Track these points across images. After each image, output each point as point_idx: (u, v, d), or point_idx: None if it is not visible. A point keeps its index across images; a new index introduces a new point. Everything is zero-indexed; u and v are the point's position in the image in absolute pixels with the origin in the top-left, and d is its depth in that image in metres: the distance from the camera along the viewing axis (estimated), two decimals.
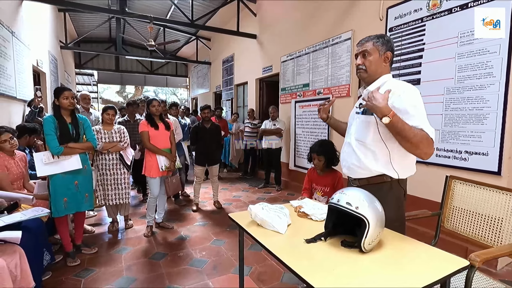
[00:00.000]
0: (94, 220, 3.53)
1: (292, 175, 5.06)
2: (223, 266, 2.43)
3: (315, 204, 1.56)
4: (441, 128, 2.68)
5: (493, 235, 1.51)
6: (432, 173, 2.69)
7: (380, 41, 1.36)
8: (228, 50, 7.66)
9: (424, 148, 1.20)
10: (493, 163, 2.33)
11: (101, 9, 5.27)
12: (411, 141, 1.19)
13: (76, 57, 10.46)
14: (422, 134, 1.19)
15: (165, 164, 3.01)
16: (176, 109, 4.47)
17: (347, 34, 3.78)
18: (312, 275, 0.93)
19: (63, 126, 2.34)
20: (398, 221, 1.35)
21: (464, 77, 2.50)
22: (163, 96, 21.89)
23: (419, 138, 1.18)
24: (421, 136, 1.19)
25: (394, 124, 1.18)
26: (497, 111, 2.30)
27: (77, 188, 2.43)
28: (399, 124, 1.19)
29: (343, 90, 3.90)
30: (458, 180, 1.71)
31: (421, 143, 1.19)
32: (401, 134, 1.20)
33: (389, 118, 1.17)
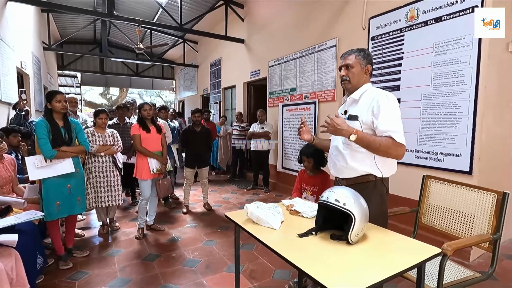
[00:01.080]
0: (83, 223, 3.51)
1: (280, 176, 5.19)
2: (216, 265, 2.51)
3: (305, 202, 1.68)
4: (419, 131, 2.88)
5: (465, 229, 1.68)
6: (411, 173, 2.88)
7: (361, 55, 1.52)
8: (216, 53, 7.74)
9: (393, 152, 1.38)
10: (465, 163, 2.54)
11: (89, 11, 5.24)
12: (379, 149, 1.40)
13: (59, 59, 10.22)
14: (387, 142, 1.36)
15: (157, 166, 3.06)
16: (165, 112, 4.52)
17: (332, 41, 3.96)
18: (307, 264, 1.04)
19: (55, 129, 2.35)
20: (382, 216, 1.49)
21: (439, 84, 2.71)
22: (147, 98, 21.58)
23: (385, 146, 1.37)
24: (387, 144, 1.36)
25: (360, 139, 1.39)
26: (468, 116, 2.52)
27: (70, 191, 2.44)
28: (365, 138, 1.39)
29: (328, 95, 4.07)
30: (433, 179, 1.88)
31: (389, 149, 1.37)
32: (369, 146, 1.41)
33: (355, 135, 1.38)
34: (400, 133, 1.38)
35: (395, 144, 1.36)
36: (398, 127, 1.38)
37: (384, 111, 1.40)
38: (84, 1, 6.66)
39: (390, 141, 1.37)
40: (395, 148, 1.37)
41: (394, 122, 1.39)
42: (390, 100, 1.43)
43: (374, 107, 1.42)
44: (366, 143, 1.40)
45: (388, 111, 1.40)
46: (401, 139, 1.37)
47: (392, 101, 1.44)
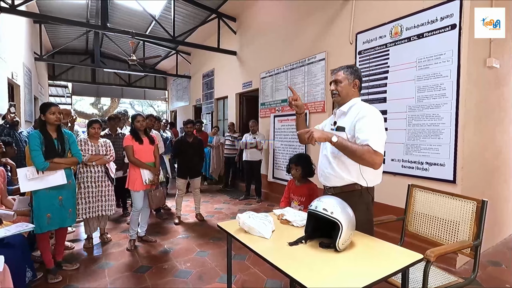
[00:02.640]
0: (73, 236, 3.46)
1: (271, 186, 5.23)
2: (209, 276, 2.51)
3: (296, 212, 1.73)
4: (405, 141, 2.99)
5: (449, 236, 1.75)
6: (398, 182, 2.97)
7: (349, 71, 1.62)
8: (209, 65, 7.85)
9: (368, 159, 1.44)
10: (449, 172, 2.65)
11: (83, 23, 5.28)
12: (355, 154, 1.46)
13: (50, 69, 10.17)
14: (364, 149, 1.44)
15: (149, 177, 3.07)
16: (158, 123, 4.54)
17: (322, 54, 4.10)
18: (296, 272, 1.08)
19: (48, 141, 2.36)
20: (367, 223, 1.56)
21: (423, 97, 2.84)
22: (139, 108, 21.51)
23: (360, 151, 1.44)
24: (363, 150, 1.44)
25: (339, 142, 1.48)
26: (451, 127, 2.64)
27: (61, 203, 2.43)
28: (343, 142, 1.48)
29: (318, 106, 4.18)
30: (418, 188, 1.96)
31: (363, 155, 1.44)
32: (346, 150, 1.48)
33: (336, 137, 1.47)
34: (377, 142, 1.44)
35: (370, 151, 1.43)
36: (377, 137, 1.46)
37: (364, 123, 1.49)
38: (77, 13, 6.72)
39: (366, 148, 1.44)
40: (370, 155, 1.43)
41: (373, 132, 1.47)
42: (372, 113, 1.52)
43: (358, 119, 1.52)
44: (344, 146, 1.47)
45: (368, 122, 1.49)
46: (377, 147, 1.43)
47: (374, 114, 1.52)
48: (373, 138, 1.45)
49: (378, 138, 1.45)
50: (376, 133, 1.47)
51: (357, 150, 1.44)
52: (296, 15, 4.59)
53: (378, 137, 1.46)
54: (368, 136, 1.45)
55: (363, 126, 1.49)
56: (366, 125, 1.48)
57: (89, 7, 6.42)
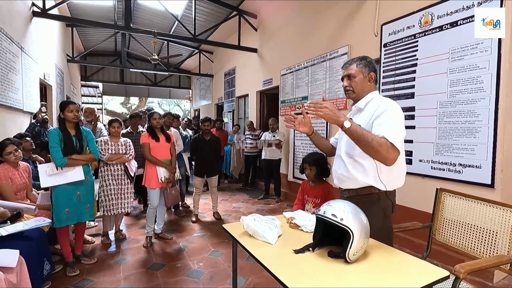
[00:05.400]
0: (95, 230, 3.57)
1: (291, 186, 5.09)
2: (220, 277, 2.45)
3: (307, 215, 1.61)
4: (435, 141, 2.72)
5: (484, 248, 1.54)
6: (426, 185, 2.71)
7: (362, 63, 1.46)
8: (230, 63, 7.84)
9: (383, 152, 1.27)
10: (486, 175, 2.37)
11: (108, 25, 5.48)
12: (370, 145, 1.28)
13: (82, 70, 10.74)
14: (381, 140, 1.28)
15: (165, 175, 3.08)
16: (177, 121, 4.57)
17: (344, 49, 3.89)
18: (298, 284, 0.97)
19: (67, 138, 2.42)
20: (384, 231, 1.39)
21: (456, 92, 2.57)
22: (166, 107, 22.16)
23: (377, 142, 1.27)
24: (379, 142, 1.27)
25: (354, 129, 1.30)
26: (489, 125, 2.35)
27: (79, 198, 2.49)
28: (358, 129, 1.31)
29: (340, 103, 3.98)
30: (448, 193, 1.75)
31: (380, 147, 1.27)
32: (360, 139, 1.30)
33: (350, 122, 1.30)
34: (395, 136, 1.29)
35: (387, 144, 1.28)
36: (396, 131, 1.30)
37: (384, 117, 1.33)
38: (104, 15, 7.00)
39: (383, 140, 1.29)
40: (387, 148, 1.27)
41: (392, 126, 1.31)
42: (392, 108, 1.36)
43: (377, 116, 1.36)
44: (359, 134, 1.30)
45: (388, 117, 1.33)
46: (395, 142, 1.28)
47: (394, 109, 1.37)
48: (391, 131, 1.29)
49: (397, 133, 1.30)
50: (395, 127, 1.31)
51: (374, 140, 1.28)
52: (316, 8, 4.39)
53: (397, 132, 1.31)
54: (386, 129, 1.30)
55: (381, 120, 1.33)
56: (384, 119, 1.33)
57: (116, 8, 6.64)
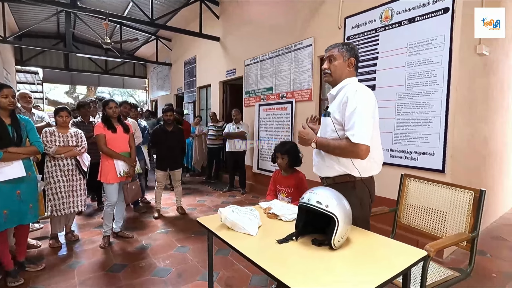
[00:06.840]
0: (40, 233, 3.17)
1: (256, 178, 5.08)
2: (189, 273, 2.34)
3: (284, 205, 1.58)
4: (394, 130, 2.90)
5: (443, 228, 1.66)
6: (386, 172, 2.86)
7: (344, 48, 1.46)
8: (190, 51, 7.50)
9: (349, 153, 1.35)
10: (438, 162, 2.58)
11: (50, 1, 4.80)
12: (335, 152, 1.40)
13: (17, 53, 9.41)
14: (341, 143, 1.36)
15: (124, 169, 2.83)
16: (135, 111, 4.24)
17: (309, 40, 3.93)
18: (286, 274, 0.93)
19: (2, 128, 2.07)
20: (359, 220, 1.38)
21: (413, 84, 2.75)
22: (118, 98, 20.61)
23: (339, 148, 1.37)
24: (340, 146, 1.36)
25: (320, 146, 1.44)
26: (441, 115, 2.56)
27: (20, 197, 2.15)
28: (324, 143, 1.42)
29: (305, 94, 4.03)
30: (411, 178, 1.86)
31: (344, 150, 1.35)
32: (329, 150, 1.42)
33: (314, 143, 1.43)
34: (362, 137, 1.29)
35: (350, 145, 1.31)
36: (358, 127, 1.30)
37: (349, 108, 1.34)
38: None
39: (344, 142, 1.34)
40: (351, 148, 1.31)
41: (355, 122, 1.31)
42: (358, 95, 1.34)
43: (343, 102, 1.37)
44: (326, 149, 1.43)
45: (352, 107, 1.32)
46: (357, 138, 1.29)
47: (360, 96, 1.34)
48: (353, 128, 1.31)
49: (363, 132, 1.29)
50: (357, 122, 1.30)
51: (336, 148, 1.38)
52: None
53: (360, 126, 1.30)
54: (349, 126, 1.33)
55: (347, 113, 1.34)
56: (348, 111, 1.34)
57: None
